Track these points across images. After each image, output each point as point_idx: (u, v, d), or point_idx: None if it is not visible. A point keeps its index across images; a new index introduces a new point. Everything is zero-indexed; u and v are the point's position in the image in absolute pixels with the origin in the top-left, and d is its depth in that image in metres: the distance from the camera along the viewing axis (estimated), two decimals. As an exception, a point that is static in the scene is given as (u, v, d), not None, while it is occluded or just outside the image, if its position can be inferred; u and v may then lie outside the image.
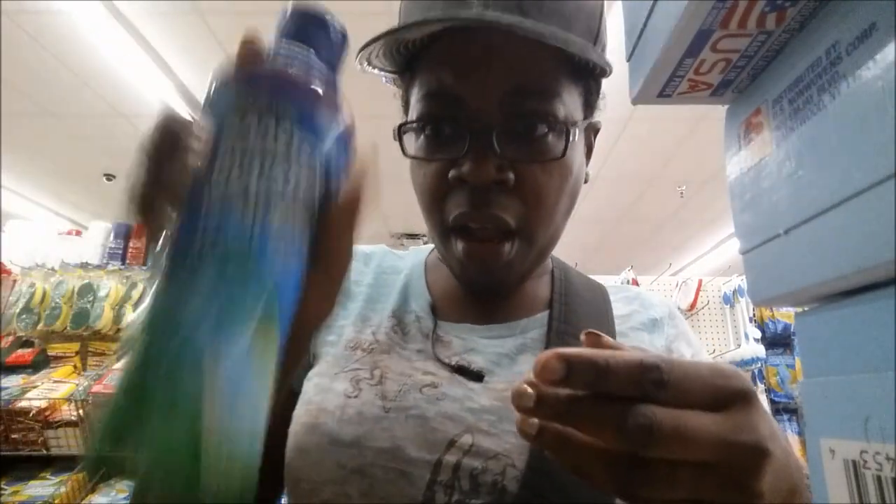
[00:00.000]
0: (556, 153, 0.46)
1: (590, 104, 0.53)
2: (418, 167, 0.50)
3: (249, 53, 0.28)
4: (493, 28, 0.43)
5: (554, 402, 0.25)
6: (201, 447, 0.22)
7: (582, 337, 0.29)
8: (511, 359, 0.50)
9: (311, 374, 0.52)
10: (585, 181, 0.55)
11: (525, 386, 0.26)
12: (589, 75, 0.50)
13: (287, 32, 0.31)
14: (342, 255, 0.31)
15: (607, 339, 0.30)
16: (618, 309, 0.57)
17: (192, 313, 0.24)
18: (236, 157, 0.27)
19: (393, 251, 0.64)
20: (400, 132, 0.50)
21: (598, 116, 0.57)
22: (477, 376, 0.48)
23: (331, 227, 0.30)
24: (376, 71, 0.52)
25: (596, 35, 0.50)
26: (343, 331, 0.54)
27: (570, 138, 0.46)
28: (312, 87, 0.29)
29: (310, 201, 0.28)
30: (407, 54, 0.49)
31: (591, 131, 0.57)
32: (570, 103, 0.48)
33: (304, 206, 0.28)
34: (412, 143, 0.50)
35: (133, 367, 0.24)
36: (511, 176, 0.46)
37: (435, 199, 0.48)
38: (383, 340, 0.52)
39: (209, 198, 0.26)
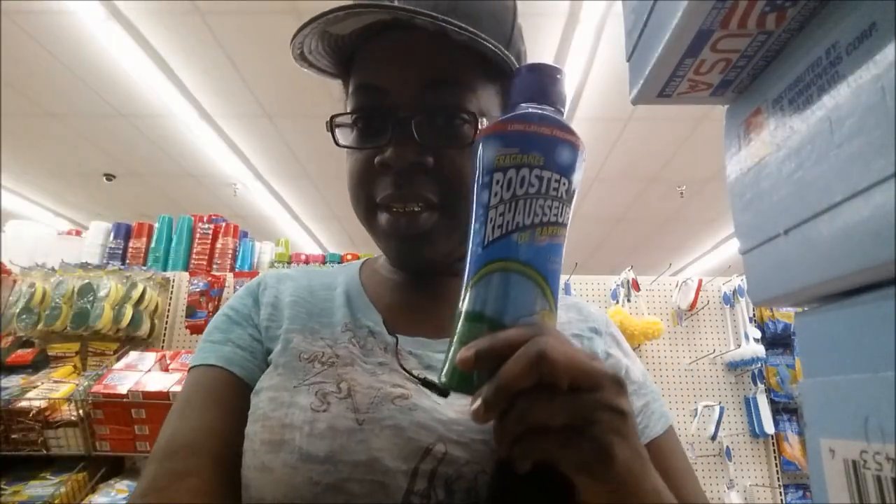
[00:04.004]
0: (470, 140, 0.51)
1: (507, 104, 0.57)
2: (350, 155, 0.54)
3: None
4: (416, 22, 0.47)
5: (493, 396, 0.34)
6: None
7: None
8: None
9: (260, 386, 0.51)
10: None
11: (475, 407, 0.35)
12: (503, 76, 0.55)
13: (524, 89, 0.42)
14: None
15: None
16: (559, 317, 0.58)
17: (495, 310, 0.37)
18: (507, 203, 0.38)
19: (318, 269, 0.65)
20: (332, 124, 0.54)
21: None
22: (442, 392, 0.49)
23: None
24: (315, 72, 0.56)
25: (508, 40, 0.55)
26: (290, 338, 0.53)
27: (480, 127, 0.51)
28: (552, 135, 0.39)
29: (564, 218, 0.39)
30: (341, 53, 0.54)
31: None
32: (484, 98, 0.53)
33: (559, 223, 0.39)
34: (347, 135, 0.54)
35: (459, 343, 0.37)
36: (430, 159, 0.50)
37: (363, 182, 0.53)
38: (343, 354, 0.52)
39: (492, 233, 0.38)
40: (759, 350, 2.14)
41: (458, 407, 0.48)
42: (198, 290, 2.20)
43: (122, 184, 5.02)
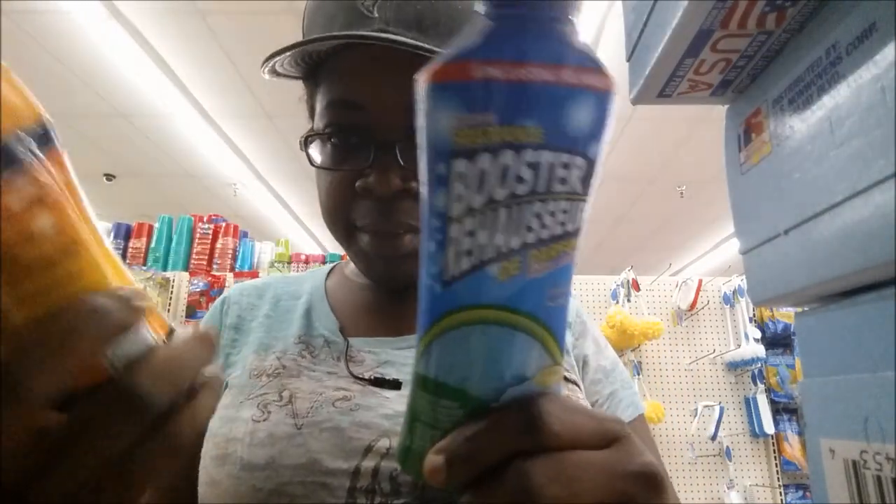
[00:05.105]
0: None
1: None
2: (325, 174, 0.51)
3: None
4: (394, 46, 0.45)
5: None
6: None
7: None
8: None
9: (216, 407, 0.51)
10: None
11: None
12: None
13: None
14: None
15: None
16: None
17: (467, 382, 0.24)
18: (478, 213, 0.22)
19: (288, 276, 0.65)
20: (306, 142, 0.51)
21: None
22: (394, 384, 0.49)
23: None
24: (278, 77, 0.54)
25: None
26: (245, 361, 0.54)
27: None
28: (558, 82, 0.21)
29: (578, 221, 0.24)
30: (311, 62, 0.51)
31: None
32: None
33: (569, 233, 0.23)
34: (318, 149, 0.51)
35: (419, 422, 0.26)
36: (414, 185, 0.48)
37: (340, 205, 0.50)
38: (290, 365, 0.51)
39: (456, 262, 0.22)
40: (759, 350, 2.14)
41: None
42: (198, 290, 2.21)
43: (122, 184, 5.02)
